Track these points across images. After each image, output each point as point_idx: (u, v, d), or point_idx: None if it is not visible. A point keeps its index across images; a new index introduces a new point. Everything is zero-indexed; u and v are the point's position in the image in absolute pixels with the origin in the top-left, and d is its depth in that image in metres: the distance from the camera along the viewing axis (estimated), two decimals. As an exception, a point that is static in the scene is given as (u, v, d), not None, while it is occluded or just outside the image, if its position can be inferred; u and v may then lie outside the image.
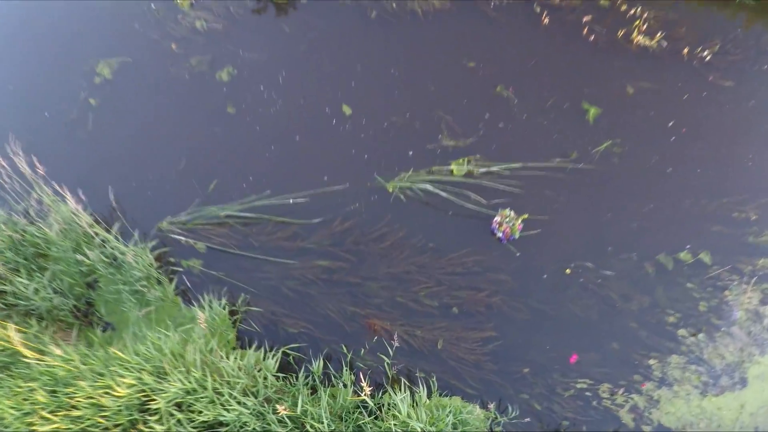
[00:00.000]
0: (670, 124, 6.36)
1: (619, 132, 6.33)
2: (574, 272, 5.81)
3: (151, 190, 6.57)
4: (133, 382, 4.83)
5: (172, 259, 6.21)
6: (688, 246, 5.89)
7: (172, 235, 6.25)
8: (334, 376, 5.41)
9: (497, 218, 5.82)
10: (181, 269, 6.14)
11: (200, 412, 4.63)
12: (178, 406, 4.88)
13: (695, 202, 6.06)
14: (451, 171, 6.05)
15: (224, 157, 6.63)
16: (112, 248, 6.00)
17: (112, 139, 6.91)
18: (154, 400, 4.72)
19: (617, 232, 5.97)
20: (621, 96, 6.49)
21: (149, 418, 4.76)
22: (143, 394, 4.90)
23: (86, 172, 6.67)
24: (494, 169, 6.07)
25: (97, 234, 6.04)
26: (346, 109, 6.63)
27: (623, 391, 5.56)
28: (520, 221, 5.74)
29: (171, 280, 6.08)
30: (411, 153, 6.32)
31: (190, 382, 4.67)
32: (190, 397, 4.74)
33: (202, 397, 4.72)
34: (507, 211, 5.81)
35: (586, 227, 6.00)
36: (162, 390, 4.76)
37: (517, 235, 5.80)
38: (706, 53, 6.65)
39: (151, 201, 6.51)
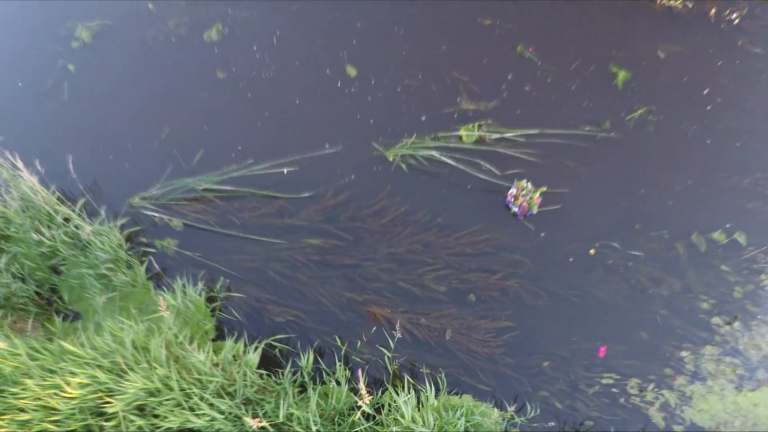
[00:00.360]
0: (705, 91, 5.40)
1: (652, 98, 5.35)
2: (598, 252, 4.86)
3: (130, 162, 5.53)
4: (87, 381, 3.84)
5: (144, 240, 5.19)
6: (728, 225, 4.96)
7: (145, 212, 5.23)
8: (326, 373, 4.45)
9: (512, 190, 4.82)
10: (154, 250, 5.13)
11: (165, 417, 3.64)
12: (141, 409, 3.90)
13: (728, 176, 5.13)
14: (460, 137, 5.05)
15: (212, 125, 5.60)
16: (75, 227, 5.00)
17: (90, 109, 5.89)
18: (110, 402, 3.74)
19: (646, 208, 5.02)
20: (652, 60, 5.49)
21: (105, 424, 3.78)
22: (100, 395, 3.92)
23: (60, 145, 5.66)
24: (508, 135, 5.07)
25: (57, 211, 5.03)
26: (351, 71, 5.58)
27: (653, 387, 4.67)
28: (538, 194, 4.76)
29: (143, 262, 5.07)
30: (424, 118, 5.29)
31: (152, 382, 3.67)
32: (153, 399, 3.75)
33: (167, 400, 3.73)
34: (523, 183, 4.82)
35: (613, 203, 5.03)
36: (120, 391, 3.77)
37: (535, 210, 4.82)
38: (734, 16, 5.72)
39: (129, 174, 5.49)
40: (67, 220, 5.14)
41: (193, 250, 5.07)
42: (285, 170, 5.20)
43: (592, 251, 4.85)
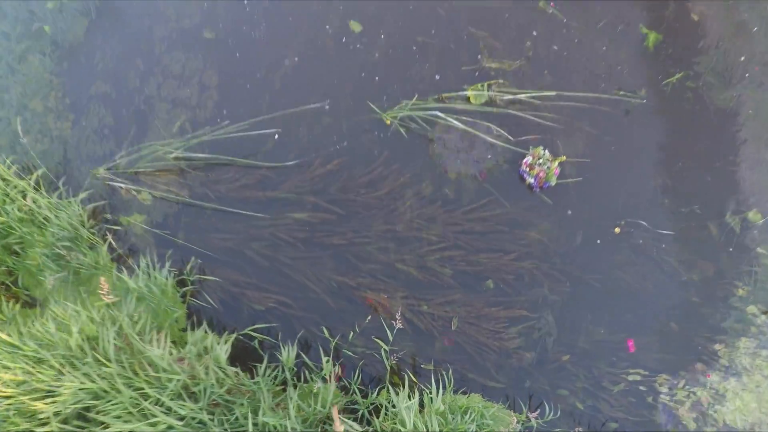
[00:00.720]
0: (742, 58, 4.56)
1: (687, 64, 4.47)
2: (624, 231, 4.05)
3: (102, 130, 4.61)
4: (20, 377, 3.00)
5: (108, 216, 4.32)
6: (771, 204, 4.18)
7: (112, 184, 4.35)
8: (311, 370, 3.61)
9: (528, 159, 3.97)
10: (119, 227, 4.26)
11: (109, 426, 2.80)
12: (84, 412, 3.06)
13: (756, 150, 4.33)
14: (468, 98, 4.19)
15: (195, 89, 4.65)
16: (34, 201, 4.15)
17: (63, 73, 4.94)
18: (40, 407, 2.89)
19: (678, 184, 4.20)
20: (684, 22, 4.61)
21: (38, 430, 2.94)
22: (36, 395, 3.08)
23: (30, 114, 4.75)
24: (522, 96, 4.20)
25: (7, 182, 4.17)
26: (355, 26, 4.64)
27: (684, 384, 3.90)
28: (557, 164, 3.92)
29: (106, 240, 4.21)
30: (438, 77, 4.36)
31: (93, 381, 2.83)
32: (98, 401, 2.91)
33: (115, 403, 2.89)
34: (540, 150, 3.97)
35: (642, 176, 4.17)
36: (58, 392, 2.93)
37: (553, 182, 3.96)
38: (759, -22, 4.91)
39: (101, 143, 4.58)
40: (23, 193, 4.29)
41: (163, 228, 4.20)
42: (276, 135, 4.29)
43: (617, 230, 4.03)
